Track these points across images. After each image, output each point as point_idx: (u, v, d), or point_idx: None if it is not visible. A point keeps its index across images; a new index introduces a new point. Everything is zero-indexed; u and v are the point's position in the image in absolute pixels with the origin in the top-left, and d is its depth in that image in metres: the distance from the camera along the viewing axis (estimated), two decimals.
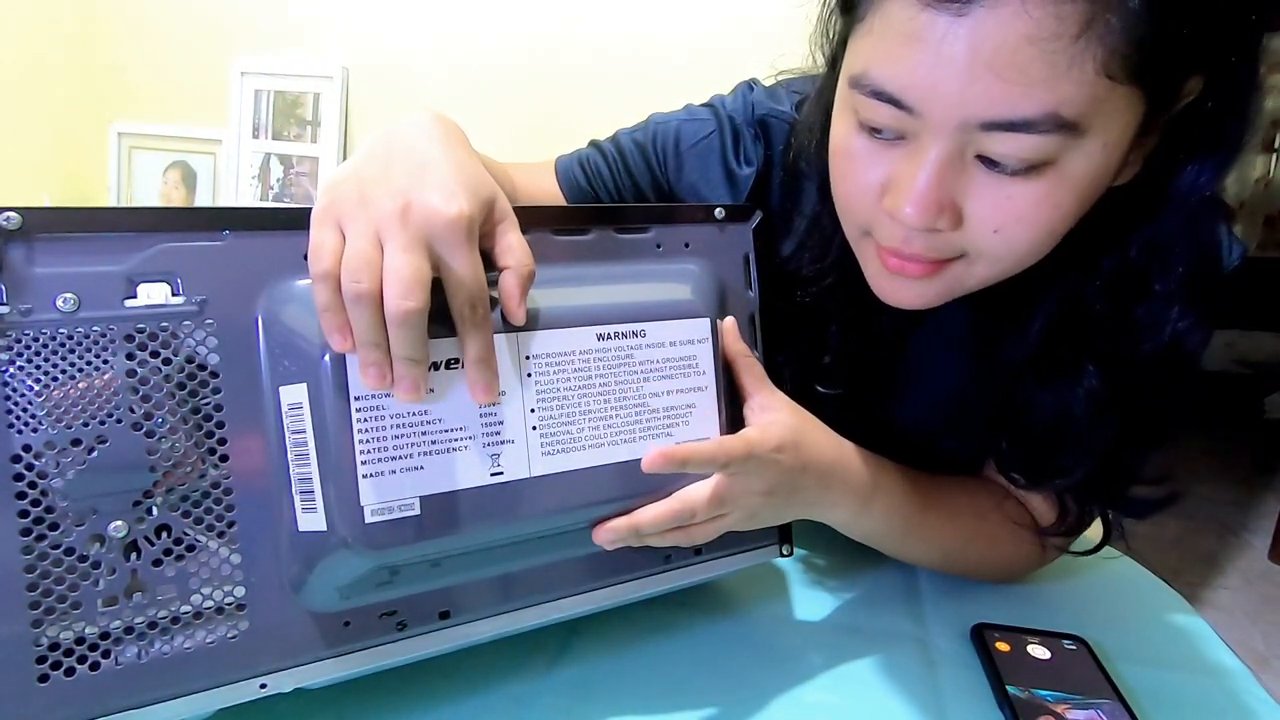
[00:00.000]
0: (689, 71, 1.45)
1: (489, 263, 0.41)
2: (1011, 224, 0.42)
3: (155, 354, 0.38)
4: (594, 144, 0.69)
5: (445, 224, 0.37)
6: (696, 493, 0.45)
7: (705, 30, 1.44)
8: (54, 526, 0.36)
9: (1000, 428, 0.56)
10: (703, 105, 0.67)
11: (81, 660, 0.36)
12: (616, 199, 0.67)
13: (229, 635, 0.39)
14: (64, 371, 0.36)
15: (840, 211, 0.50)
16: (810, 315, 0.57)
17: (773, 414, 0.48)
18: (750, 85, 0.66)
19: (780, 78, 0.64)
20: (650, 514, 0.45)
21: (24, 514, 0.35)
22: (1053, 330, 0.50)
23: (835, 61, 0.49)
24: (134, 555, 0.37)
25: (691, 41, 1.45)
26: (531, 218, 0.44)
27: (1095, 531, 0.62)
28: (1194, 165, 0.44)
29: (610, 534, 0.45)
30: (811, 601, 0.60)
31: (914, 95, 0.40)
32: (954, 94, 0.38)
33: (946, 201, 0.42)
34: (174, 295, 0.38)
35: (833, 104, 0.48)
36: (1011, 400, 0.55)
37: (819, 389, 0.57)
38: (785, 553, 0.57)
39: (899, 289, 0.49)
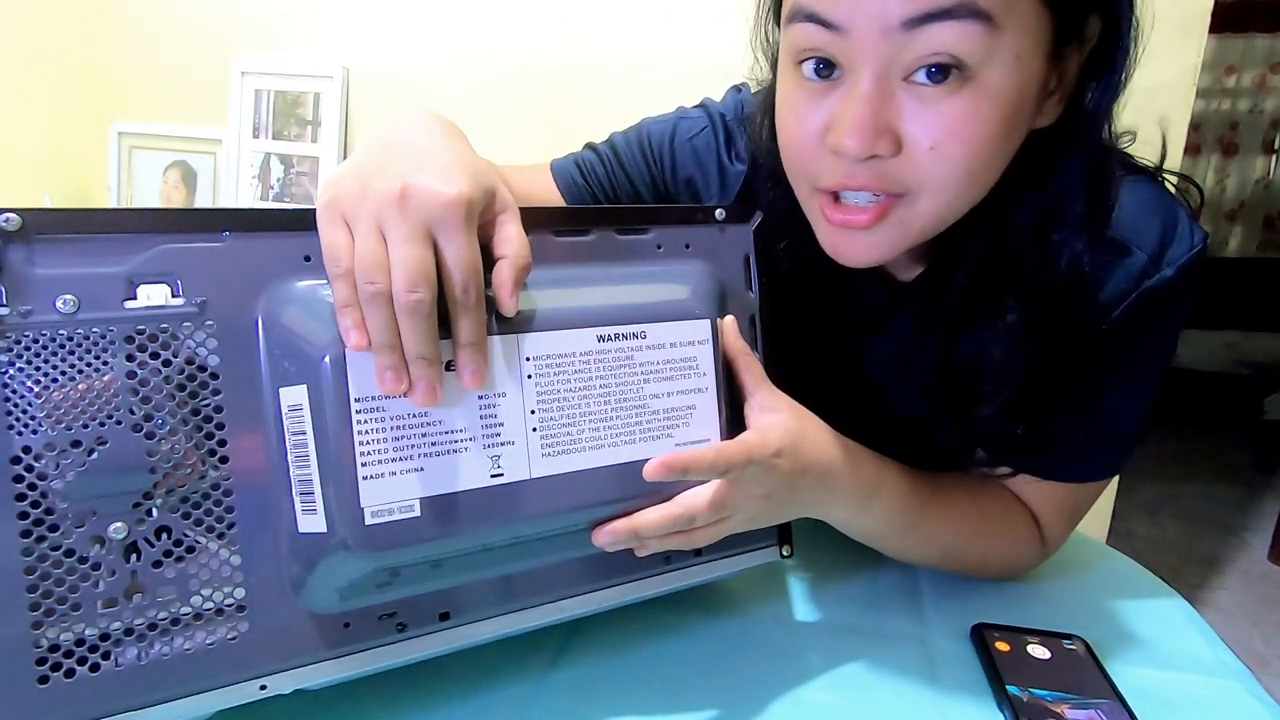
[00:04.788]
0: (686, 76, 1.45)
1: (488, 257, 0.41)
2: (945, 140, 0.45)
3: (155, 355, 0.38)
4: (589, 146, 0.69)
5: (443, 205, 0.37)
6: (697, 498, 0.45)
7: (701, 36, 1.44)
8: (54, 528, 0.36)
9: (939, 373, 0.58)
10: (694, 107, 0.68)
11: (81, 662, 0.37)
12: (612, 197, 0.67)
13: (229, 636, 0.39)
14: (64, 373, 0.36)
15: (791, 171, 0.52)
16: (776, 294, 0.58)
17: (773, 415, 0.48)
18: (738, 88, 0.67)
19: (764, 84, 0.65)
20: (651, 517, 0.45)
21: (24, 515, 0.35)
22: (980, 271, 0.53)
23: (776, 61, 0.53)
24: (134, 557, 0.37)
25: (688, 47, 1.45)
26: (532, 219, 0.44)
27: (1093, 530, 0.62)
28: (1093, 93, 0.49)
29: (610, 536, 0.45)
30: (811, 601, 0.60)
31: (839, 11, 0.43)
32: None
33: (883, 126, 0.44)
34: (174, 296, 0.38)
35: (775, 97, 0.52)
36: (948, 346, 0.57)
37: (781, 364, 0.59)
38: (785, 554, 0.57)
39: (849, 244, 0.50)
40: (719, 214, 0.53)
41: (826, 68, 0.46)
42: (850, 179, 0.47)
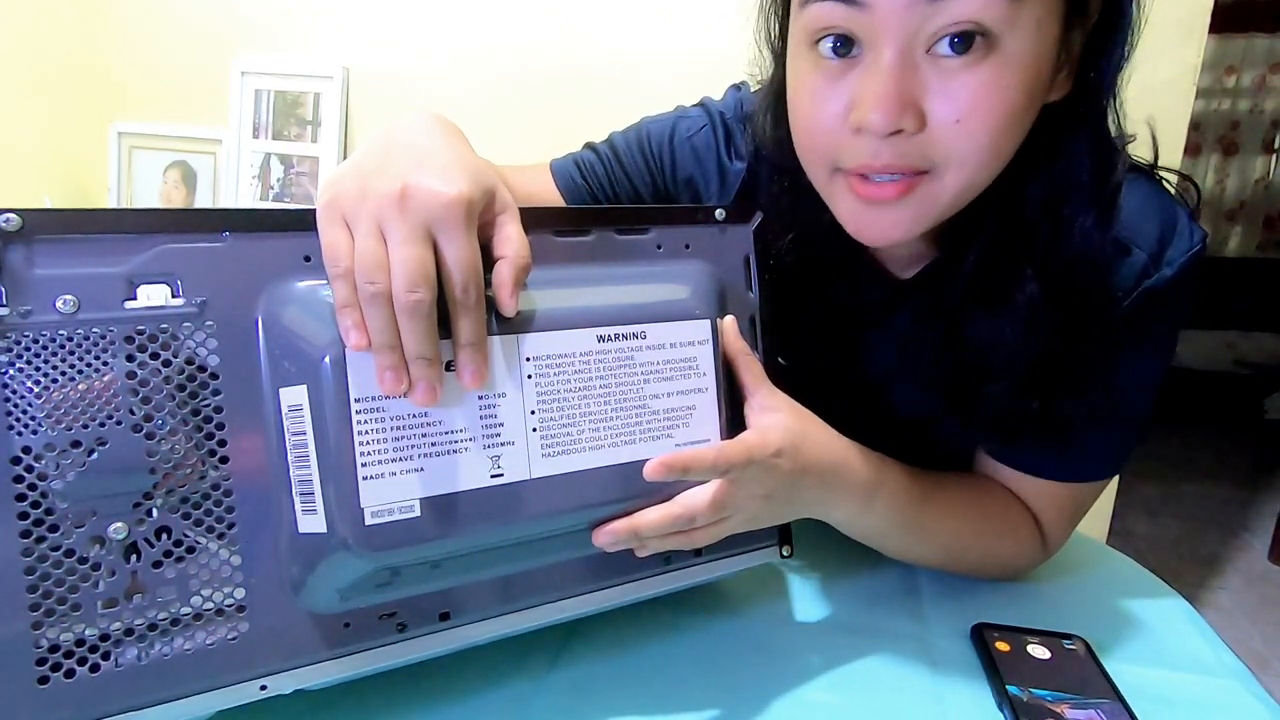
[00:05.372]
0: (686, 75, 1.45)
1: (488, 257, 0.41)
2: (969, 112, 0.44)
3: (155, 355, 0.38)
4: (589, 146, 0.69)
5: (443, 205, 0.37)
6: (697, 498, 0.45)
7: (701, 36, 1.44)
8: (54, 528, 0.36)
9: (947, 359, 0.58)
10: (693, 105, 0.68)
11: (81, 662, 0.37)
12: (611, 197, 0.67)
13: (229, 637, 0.39)
14: (64, 373, 0.36)
15: (808, 156, 0.51)
16: (776, 292, 0.58)
17: (773, 415, 0.48)
18: (738, 86, 0.67)
19: (763, 81, 0.65)
20: (651, 517, 0.45)
21: (24, 516, 0.35)
22: (993, 248, 0.53)
23: (779, 54, 0.53)
24: (134, 557, 0.37)
25: (688, 46, 1.45)
26: (532, 219, 0.44)
27: (1093, 530, 0.62)
28: (1100, 65, 0.48)
29: (610, 536, 0.45)
30: (811, 601, 0.60)
31: None
32: None
33: (908, 100, 0.44)
34: (174, 297, 0.38)
35: (783, 86, 0.51)
36: (955, 330, 0.56)
37: (781, 360, 0.58)
38: (785, 554, 0.57)
39: (875, 220, 0.49)
40: (719, 214, 0.53)
41: (844, 45, 0.45)
42: (875, 159, 0.46)
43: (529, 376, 0.42)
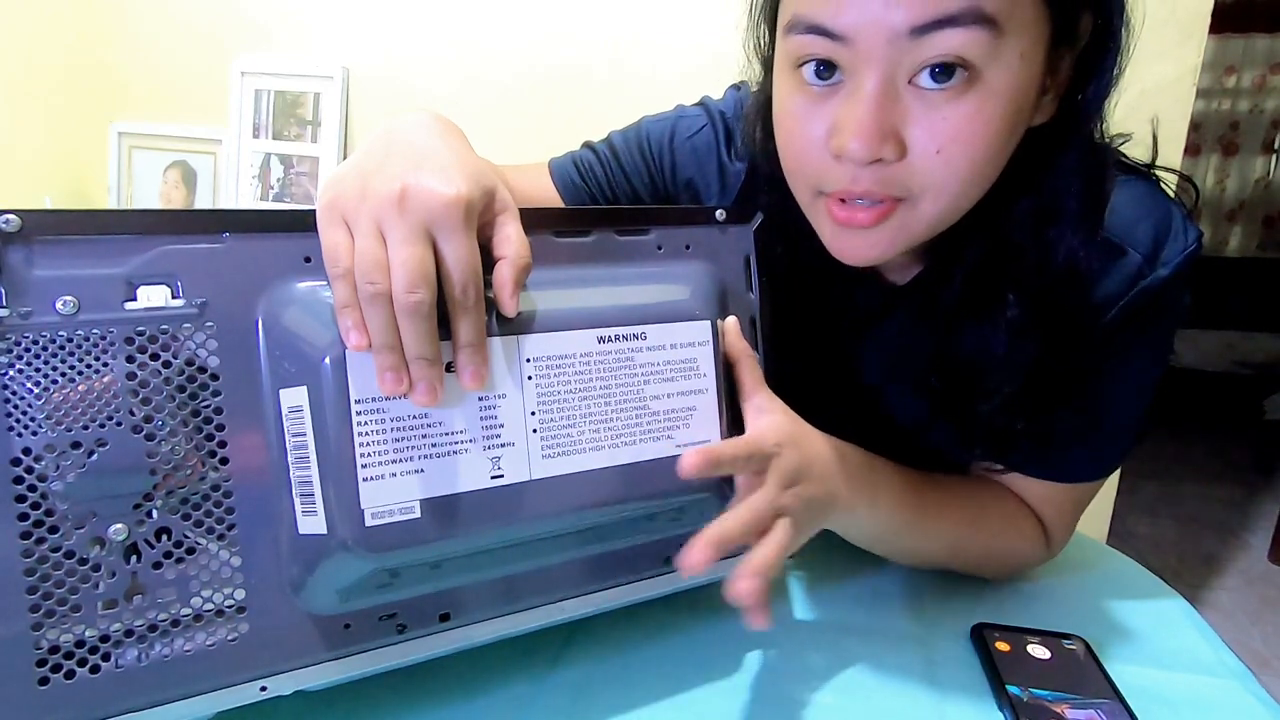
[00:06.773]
0: (686, 75, 1.45)
1: (488, 257, 0.41)
2: (950, 143, 0.44)
3: (155, 356, 0.38)
4: (587, 145, 0.69)
5: (442, 205, 0.37)
6: (760, 494, 0.44)
7: (701, 36, 1.44)
8: (54, 529, 0.36)
9: (937, 369, 0.58)
10: (693, 105, 0.68)
11: (81, 663, 0.37)
12: (610, 198, 0.67)
13: (229, 638, 0.39)
14: (64, 374, 0.36)
15: (792, 176, 0.51)
16: (772, 295, 0.58)
17: (768, 417, 0.48)
18: (737, 86, 0.67)
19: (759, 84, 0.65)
20: (729, 523, 0.42)
21: (24, 517, 0.35)
22: (979, 268, 0.53)
23: (769, 63, 0.53)
24: (134, 558, 0.37)
25: (688, 46, 1.45)
26: (532, 219, 0.44)
27: (1093, 530, 0.62)
28: (1088, 89, 0.49)
29: (702, 555, 0.42)
30: (811, 601, 0.60)
31: (843, 20, 0.43)
32: (878, 6, 0.42)
33: (888, 130, 0.44)
34: (174, 298, 0.38)
35: (771, 97, 0.51)
36: (946, 342, 0.57)
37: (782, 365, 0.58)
38: None
39: (852, 243, 0.50)
40: (719, 215, 0.53)
41: (827, 70, 0.46)
42: (854, 184, 0.46)
43: (529, 377, 0.42)
